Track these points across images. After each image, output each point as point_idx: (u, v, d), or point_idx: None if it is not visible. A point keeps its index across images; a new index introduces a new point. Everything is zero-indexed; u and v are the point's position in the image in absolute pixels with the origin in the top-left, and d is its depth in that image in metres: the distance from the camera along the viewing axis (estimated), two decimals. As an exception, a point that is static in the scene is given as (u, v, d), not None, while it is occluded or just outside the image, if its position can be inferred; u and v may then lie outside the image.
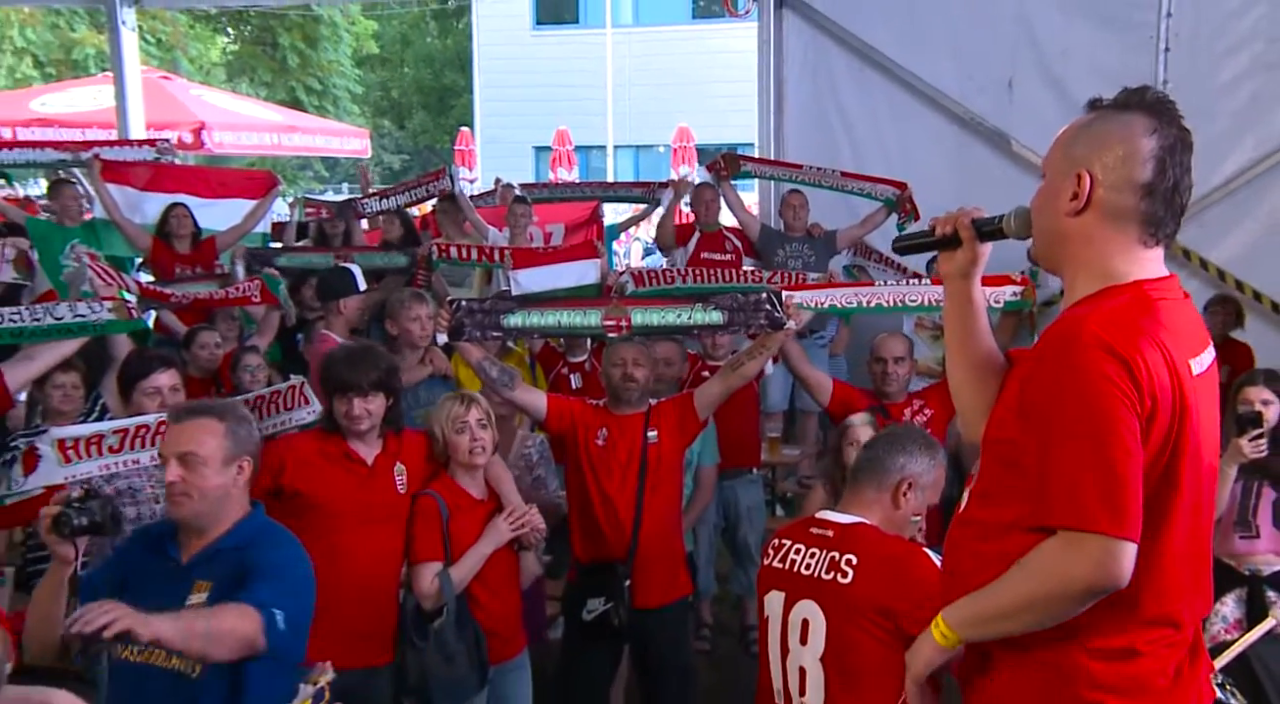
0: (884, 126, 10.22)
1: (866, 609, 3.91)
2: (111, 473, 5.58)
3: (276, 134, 19.75)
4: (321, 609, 5.33)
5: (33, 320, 6.39)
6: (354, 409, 5.33)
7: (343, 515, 5.34)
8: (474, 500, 5.53)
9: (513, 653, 5.69)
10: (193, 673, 3.83)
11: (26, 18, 25.27)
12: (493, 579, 5.51)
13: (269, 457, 5.36)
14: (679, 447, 6.24)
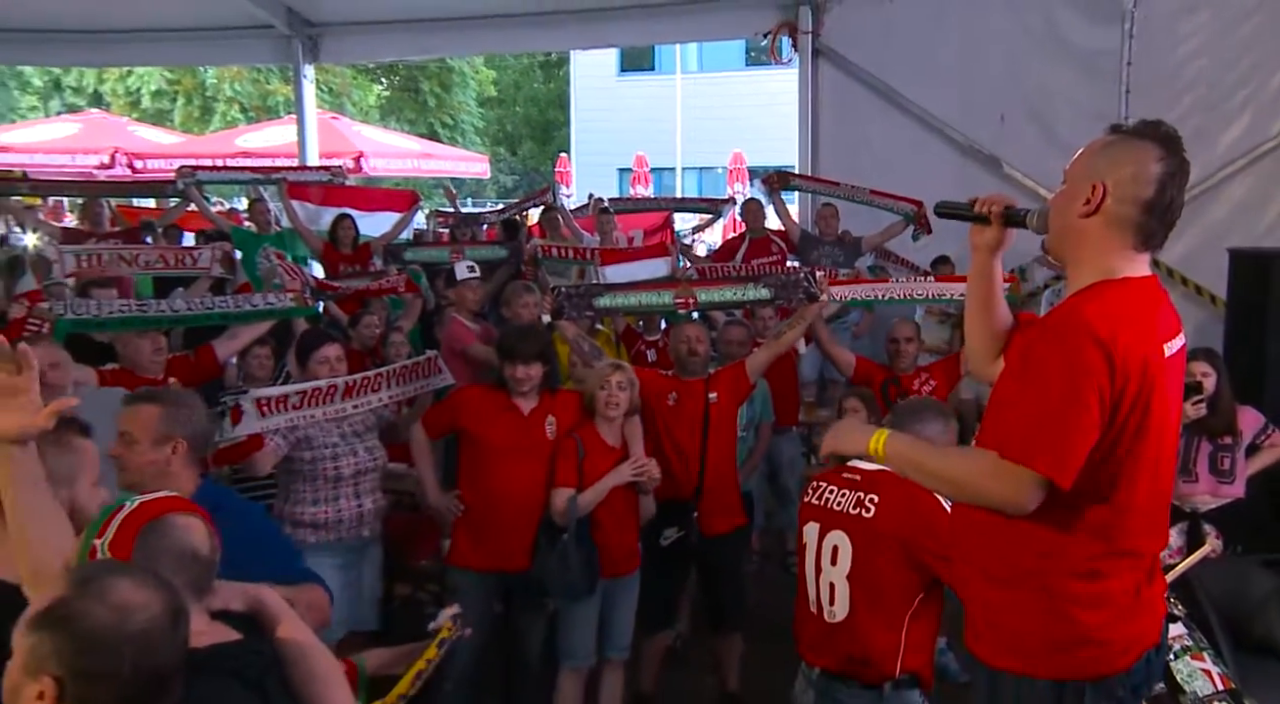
0: (899, 151, 10.14)
1: (884, 538, 3.93)
2: (294, 424, 5.65)
3: (417, 160, 19.78)
4: (481, 523, 5.55)
5: (235, 307, 6.58)
6: (518, 373, 5.53)
7: (501, 451, 5.53)
8: (607, 447, 5.59)
9: (626, 571, 5.71)
10: None
11: (235, 74, 25.68)
12: (615, 510, 5.58)
13: (448, 405, 5.82)
14: (734, 405, 6.24)
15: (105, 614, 1.97)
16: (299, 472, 5.67)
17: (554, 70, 32.74)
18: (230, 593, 2.59)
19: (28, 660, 1.96)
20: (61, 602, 2.00)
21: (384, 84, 28.65)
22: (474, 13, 11.58)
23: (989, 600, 3.09)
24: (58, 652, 1.94)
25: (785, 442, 7.81)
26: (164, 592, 2.08)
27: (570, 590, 5.46)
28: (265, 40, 12.24)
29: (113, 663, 1.95)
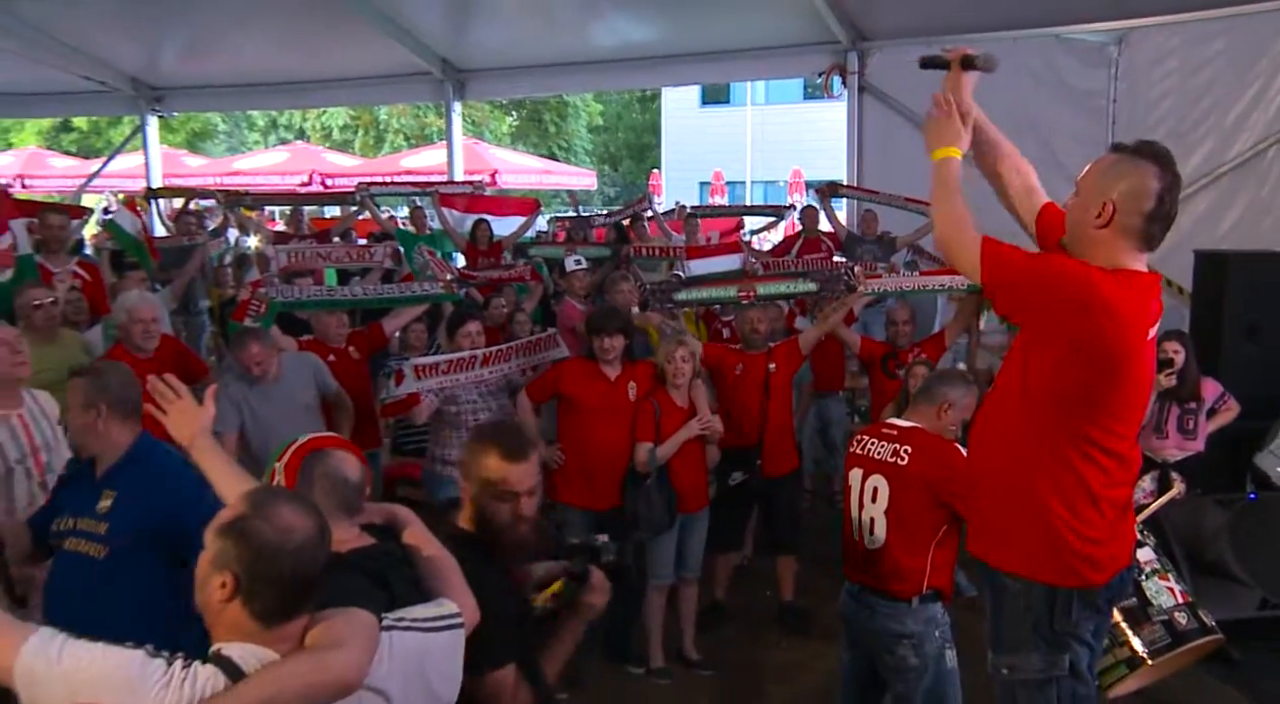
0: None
1: (915, 481, 3.87)
2: (443, 386, 5.66)
3: (539, 175, 19.88)
4: (578, 470, 5.51)
5: (399, 293, 6.61)
6: (604, 343, 5.47)
7: (593, 411, 5.48)
8: (678, 408, 5.53)
9: (697, 508, 5.66)
10: (99, 555, 3.48)
11: (401, 111, 26.06)
12: (687, 459, 5.53)
13: (550, 376, 5.75)
14: (789, 373, 6.20)
15: (272, 533, 2.03)
16: (446, 422, 5.74)
17: (648, 103, 32.64)
18: (372, 510, 2.60)
19: (215, 558, 2.05)
20: (240, 517, 2.06)
21: (514, 116, 28.77)
22: (586, 59, 11.62)
23: (1007, 522, 3.06)
24: (237, 557, 2.02)
25: (833, 403, 7.72)
26: (315, 516, 2.12)
27: (654, 525, 5.43)
28: (424, 84, 12.36)
29: (276, 570, 2.02)
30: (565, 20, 10.85)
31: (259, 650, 2.02)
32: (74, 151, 23.76)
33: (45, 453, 4.38)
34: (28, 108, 16.52)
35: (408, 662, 2.20)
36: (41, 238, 7.26)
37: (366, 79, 12.66)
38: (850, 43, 10.25)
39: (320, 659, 2.03)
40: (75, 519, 3.51)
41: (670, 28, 10.91)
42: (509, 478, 2.67)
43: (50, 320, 5.83)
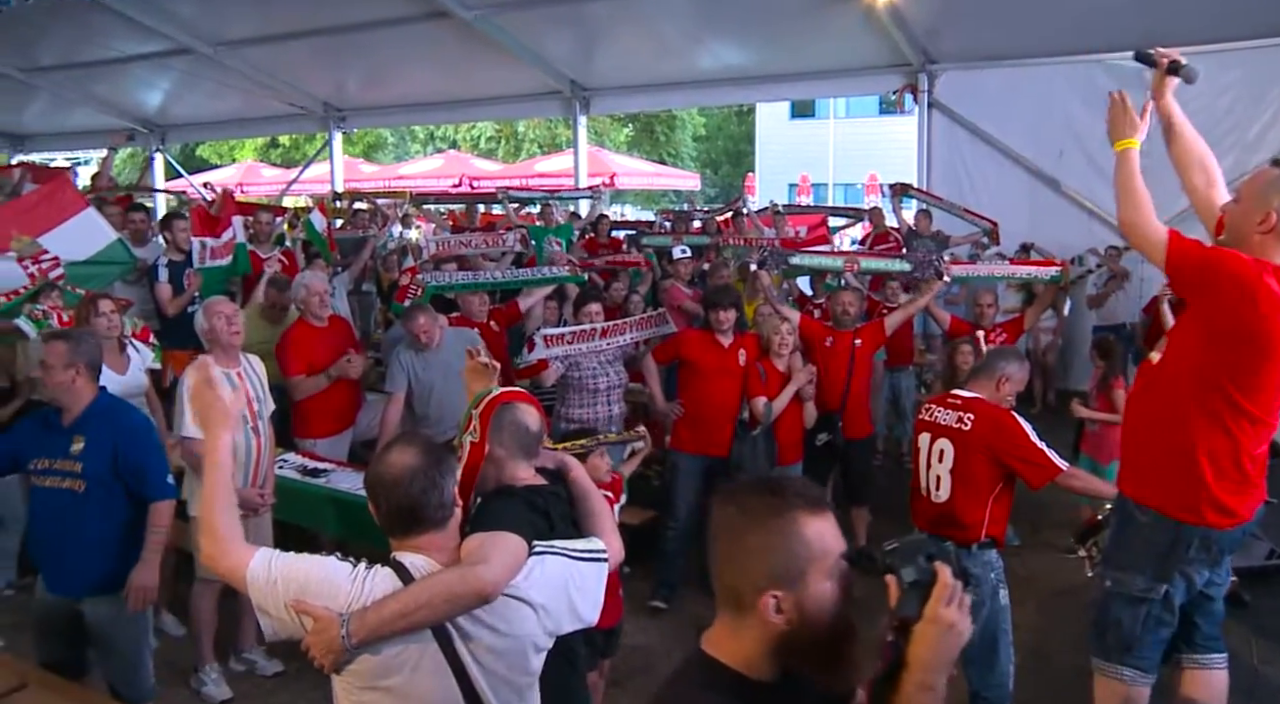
0: (987, 175, 9.81)
1: (976, 444, 3.77)
2: (568, 354, 5.66)
3: (651, 177, 19.82)
4: (694, 421, 5.52)
5: (532, 275, 6.60)
6: (720, 316, 5.48)
7: (710, 374, 5.49)
8: (780, 373, 5.53)
9: (794, 460, 5.63)
10: (79, 489, 3.56)
11: (536, 124, 26.04)
12: (787, 416, 5.50)
13: (674, 341, 5.79)
14: (872, 350, 6.12)
15: (377, 468, 2.19)
16: (570, 385, 5.73)
17: (745, 116, 32.21)
18: (546, 456, 2.64)
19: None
20: (373, 458, 2.28)
21: (630, 127, 28.66)
22: (691, 78, 11.52)
23: (1157, 466, 3.04)
24: (366, 485, 2.22)
25: (904, 376, 7.61)
26: (418, 458, 2.17)
27: (755, 469, 5.39)
28: (555, 101, 12.40)
29: (375, 497, 2.18)
30: (674, 46, 10.77)
31: (425, 560, 2.15)
32: (279, 163, 24.39)
33: (256, 403, 4.55)
34: (247, 129, 17.35)
35: (554, 581, 2.24)
36: (254, 231, 7.47)
37: (508, 97, 12.75)
38: (921, 65, 10.02)
39: (463, 573, 2.10)
40: (50, 460, 3.60)
41: (764, 52, 10.77)
42: (827, 539, 1.52)
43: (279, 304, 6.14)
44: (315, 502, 4.90)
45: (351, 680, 2.15)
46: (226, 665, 4.78)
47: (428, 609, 2.07)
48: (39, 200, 6.63)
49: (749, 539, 1.50)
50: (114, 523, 3.62)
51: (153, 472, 3.70)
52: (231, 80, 12.10)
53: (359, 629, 2.04)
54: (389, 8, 10.15)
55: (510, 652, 2.19)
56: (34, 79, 13.26)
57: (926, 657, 1.46)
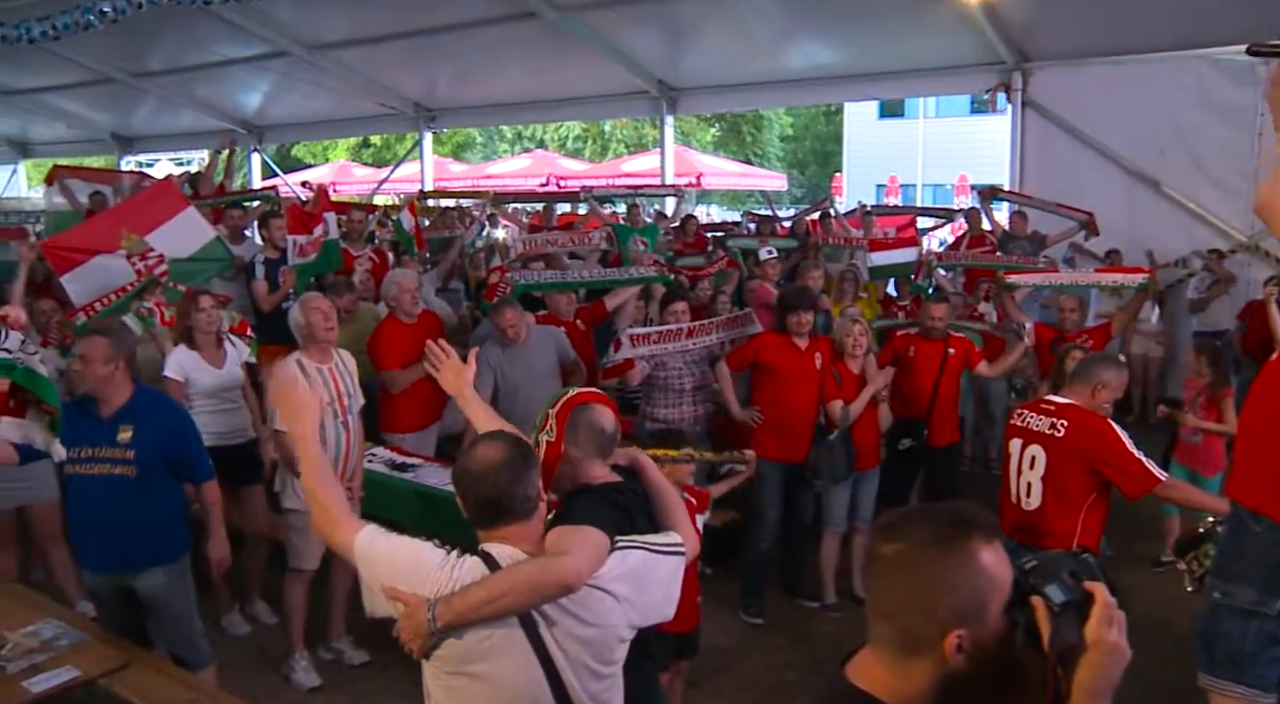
0: (1083, 175, 9.48)
1: (1070, 451, 3.69)
2: (654, 353, 5.66)
3: (737, 177, 19.73)
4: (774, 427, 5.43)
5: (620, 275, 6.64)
6: (800, 319, 5.38)
7: (787, 376, 5.39)
8: (855, 376, 5.45)
9: (870, 465, 5.56)
10: (131, 474, 3.75)
11: (623, 124, 26.21)
12: (863, 420, 5.43)
13: (750, 346, 5.65)
14: (962, 363, 5.96)
15: (464, 462, 2.27)
16: (656, 385, 5.72)
17: (833, 116, 31.83)
18: (621, 454, 2.66)
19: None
20: (460, 452, 2.35)
21: (716, 127, 28.59)
22: (779, 78, 11.40)
23: (1273, 473, 2.83)
24: (454, 479, 2.29)
25: (995, 382, 7.34)
26: (507, 450, 2.25)
27: (834, 475, 5.35)
28: (643, 101, 12.41)
29: (463, 489, 2.26)
30: (762, 45, 10.70)
31: (511, 549, 2.21)
32: (370, 162, 24.91)
33: (347, 398, 4.64)
34: (339, 130, 17.77)
35: (634, 573, 2.28)
36: (346, 230, 7.63)
37: (595, 97, 12.80)
38: (1015, 63, 9.77)
39: (547, 562, 2.16)
40: (95, 449, 3.75)
41: (853, 50, 10.64)
42: (1002, 569, 1.42)
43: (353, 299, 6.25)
44: (402, 496, 5.00)
45: (439, 665, 2.22)
46: (315, 654, 4.90)
47: (511, 596, 2.13)
48: (145, 201, 6.91)
49: (929, 576, 1.40)
50: (164, 502, 3.90)
51: (197, 457, 3.99)
52: (326, 82, 12.39)
53: (444, 613, 2.12)
54: (478, 9, 10.29)
55: (595, 641, 2.24)
56: (142, 83, 13.77)
57: (1091, 685, 1.36)
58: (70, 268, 6.19)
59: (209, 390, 5.09)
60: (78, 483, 3.86)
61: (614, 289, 6.64)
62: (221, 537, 4.05)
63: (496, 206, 11.08)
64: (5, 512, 5.09)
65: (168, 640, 3.99)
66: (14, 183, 19.95)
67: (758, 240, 9.22)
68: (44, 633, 3.75)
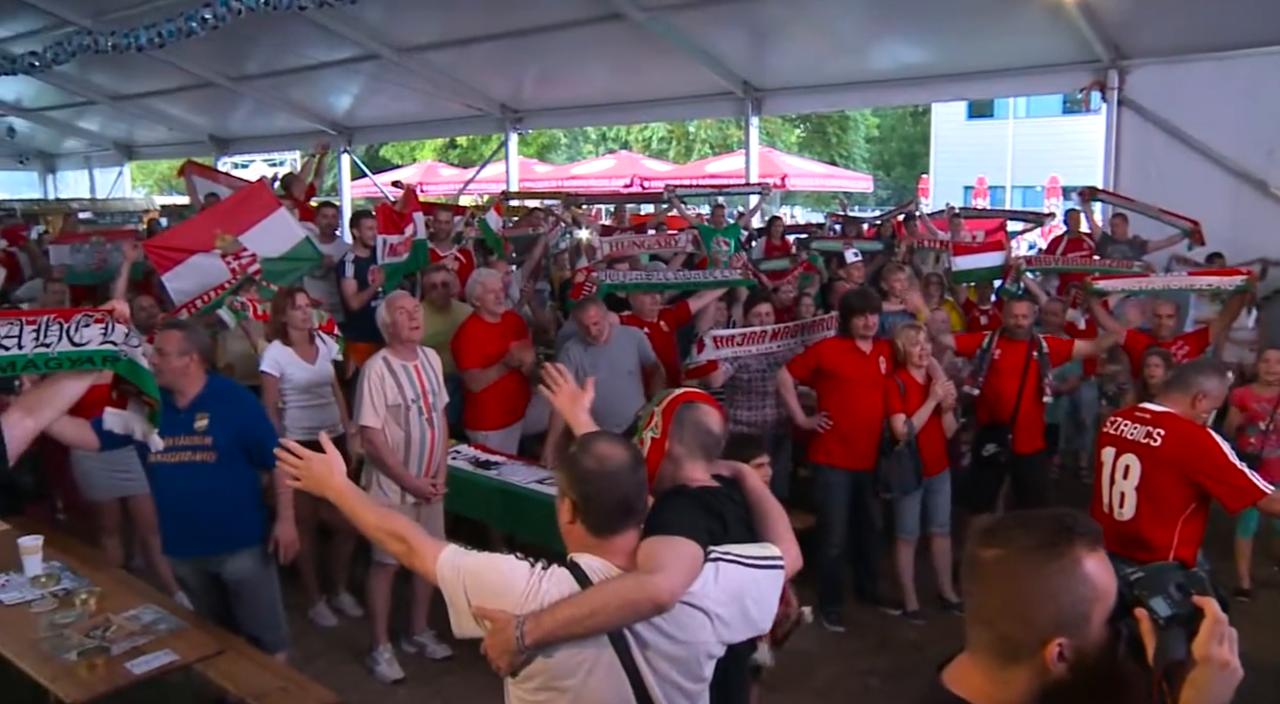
0: (1184, 176, 9.14)
1: (1168, 462, 3.57)
2: (736, 355, 5.65)
3: (822, 178, 19.53)
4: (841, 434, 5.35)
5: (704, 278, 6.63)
6: (866, 321, 5.29)
7: (851, 382, 5.31)
8: (918, 384, 5.32)
9: (939, 470, 5.44)
10: (211, 460, 3.92)
11: (707, 124, 26.12)
12: (928, 428, 5.31)
13: (811, 353, 5.56)
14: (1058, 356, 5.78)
15: (590, 462, 2.15)
16: (738, 386, 5.72)
17: (920, 117, 31.38)
18: (722, 465, 2.60)
19: (559, 485, 2.21)
20: (571, 453, 2.21)
21: (801, 128, 28.36)
22: (865, 78, 11.28)
23: None
24: (570, 483, 2.16)
25: (1086, 388, 7.21)
26: (629, 450, 2.21)
27: (903, 486, 5.27)
28: (728, 102, 12.37)
29: (595, 490, 2.13)
30: (848, 45, 10.59)
31: (602, 563, 2.14)
32: (456, 163, 25.28)
33: (432, 396, 4.70)
34: (427, 131, 18.11)
35: (730, 589, 2.20)
36: (433, 230, 7.76)
37: (680, 98, 12.79)
38: (1111, 61, 9.46)
39: (641, 581, 2.08)
40: (174, 438, 3.86)
41: (941, 50, 10.43)
42: (1106, 577, 1.39)
43: (445, 298, 6.36)
44: (485, 493, 5.07)
45: (526, 683, 2.16)
46: (399, 647, 4.99)
47: (603, 615, 2.07)
48: (239, 201, 7.12)
49: (1030, 584, 1.37)
50: (243, 487, 4.05)
51: (269, 442, 4.02)
52: (414, 84, 12.60)
53: (533, 630, 2.05)
54: (565, 11, 10.37)
55: (685, 659, 2.17)
56: (239, 87, 14.19)
57: (1200, 703, 1.31)
58: (170, 266, 6.42)
59: (302, 385, 5.24)
60: (161, 471, 4.03)
61: (698, 291, 6.64)
62: (289, 520, 4.15)
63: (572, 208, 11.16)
64: (111, 501, 5.31)
65: (249, 624, 4.10)
66: (119, 184, 20.75)
67: (842, 243, 9.13)
68: (144, 617, 3.89)
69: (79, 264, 8.26)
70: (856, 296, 5.58)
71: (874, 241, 9.64)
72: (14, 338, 2.66)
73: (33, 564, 4.19)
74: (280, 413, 5.14)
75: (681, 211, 10.64)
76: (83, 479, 5.29)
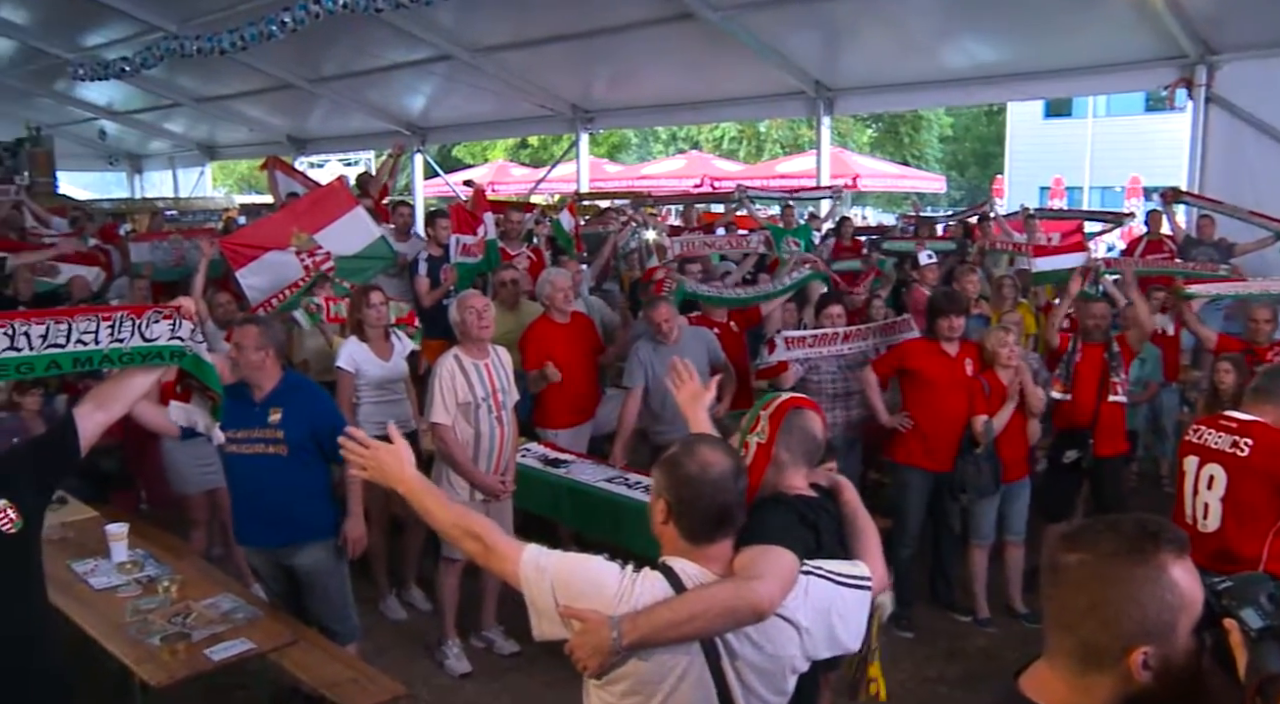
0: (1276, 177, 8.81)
1: (1256, 472, 3.47)
2: (808, 357, 5.60)
3: (894, 179, 19.27)
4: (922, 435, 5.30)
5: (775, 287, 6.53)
6: (952, 323, 5.23)
7: (933, 383, 5.26)
8: (1003, 386, 5.22)
9: (1018, 477, 5.34)
10: (283, 453, 4.02)
11: (778, 124, 25.96)
12: (1010, 432, 5.21)
13: (895, 353, 5.52)
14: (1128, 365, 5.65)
15: (692, 467, 2.11)
16: (808, 388, 5.68)
17: (995, 116, 30.79)
18: (819, 474, 2.58)
19: (654, 487, 2.18)
20: (673, 454, 2.17)
21: (873, 127, 28.04)
22: (939, 77, 11.04)
23: None
24: (667, 486, 2.13)
25: (1167, 394, 7.03)
26: (732, 457, 2.18)
27: (980, 490, 5.19)
28: (799, 101, 12.24)
29: (694, 496, 2.10)
30: (921, 44, 10.41)
31: (697, 568, 2.11)
32: (527, 162, 25.51)
33: (502, 394, 4.75)
34: (499, 131, 18.20)
35: (819, 604, 2.18)
36: (504, 229, 7.83)
37: (751, 98, 12.70)
38: (1199, 56, 9.14)
39: (741, 588, 2.05)
40: (249, 430, 4.02)
41: (1018, 47, 10.20)
42: (1193, 585, 1.38)
43: (513, 295, 6.38)
44: (554, 491, 5.10)
45: (612, 686, 2.14)
46: (467, 642, 5.04)
47: (702, 620, 2.03)
48: (315, 200, 7.27)
49: (1116, 590, 1.34)
50: (315, 480, 4.14)
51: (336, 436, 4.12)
52: (487, 84, 12.73)
53: (630, 632, 2.01)
54: (637, 11, 10.37)
55: (771, 671, 2.15)
56: (316, 88, 14.47)
57: None
58: (245, 263, 6.57)
59: (376, 381, 5.33)
60: (235, 462, 4.14)
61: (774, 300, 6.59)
62: (358, 516, 4.22)
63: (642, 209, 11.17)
64: (199, 494, 5.45)
65: (320, 615, 4.20)
66: (201, 183, 21.33)
67: (915, 243, 9.01)
68: (223, 605, 4.00)
69: (158, 261, 8.50)
70: (944, 298, 5.51)
71: (947, 242, 9.49)
72: (92, 333, 2.76)
73: (119, 551, 4.35)
74: (354, 408, 5.23)
75: (752, 212, 10.58)
76: (172, 472, 5.46)
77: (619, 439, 5.48)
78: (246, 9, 10.26)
